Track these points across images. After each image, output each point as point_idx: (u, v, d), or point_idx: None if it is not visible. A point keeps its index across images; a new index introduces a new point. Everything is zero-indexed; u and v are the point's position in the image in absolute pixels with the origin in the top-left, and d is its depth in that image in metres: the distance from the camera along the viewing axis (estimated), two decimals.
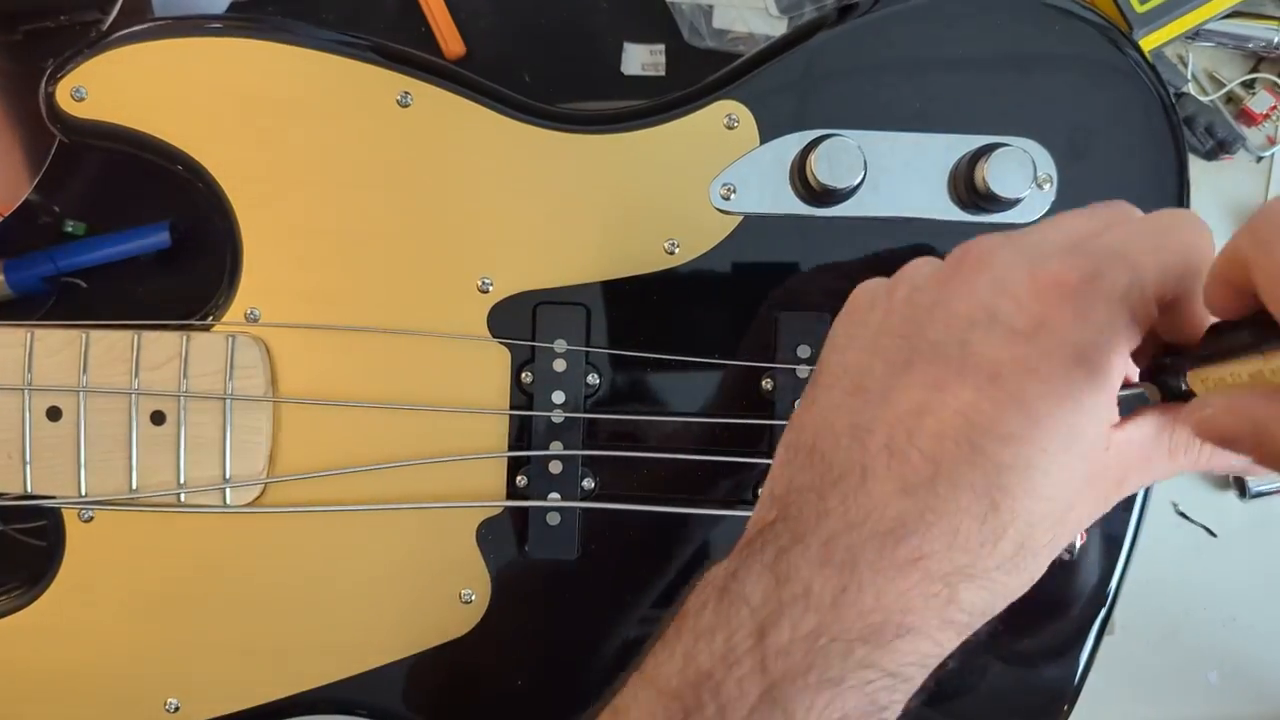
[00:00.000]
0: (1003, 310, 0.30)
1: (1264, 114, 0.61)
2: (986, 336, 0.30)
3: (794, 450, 0.33)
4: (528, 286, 0.49)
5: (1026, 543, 0.30)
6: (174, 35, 0.48)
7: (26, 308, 0.54)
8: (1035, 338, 0.29)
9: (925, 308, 0.31)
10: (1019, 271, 0.30)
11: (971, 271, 0.31)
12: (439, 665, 0.49)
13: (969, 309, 0.30)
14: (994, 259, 0.31)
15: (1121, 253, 0.30)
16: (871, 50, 0.49)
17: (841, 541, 0.30)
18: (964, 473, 0.29)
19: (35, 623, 0.48)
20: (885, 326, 0.32)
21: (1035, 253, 0.31)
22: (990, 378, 0.29)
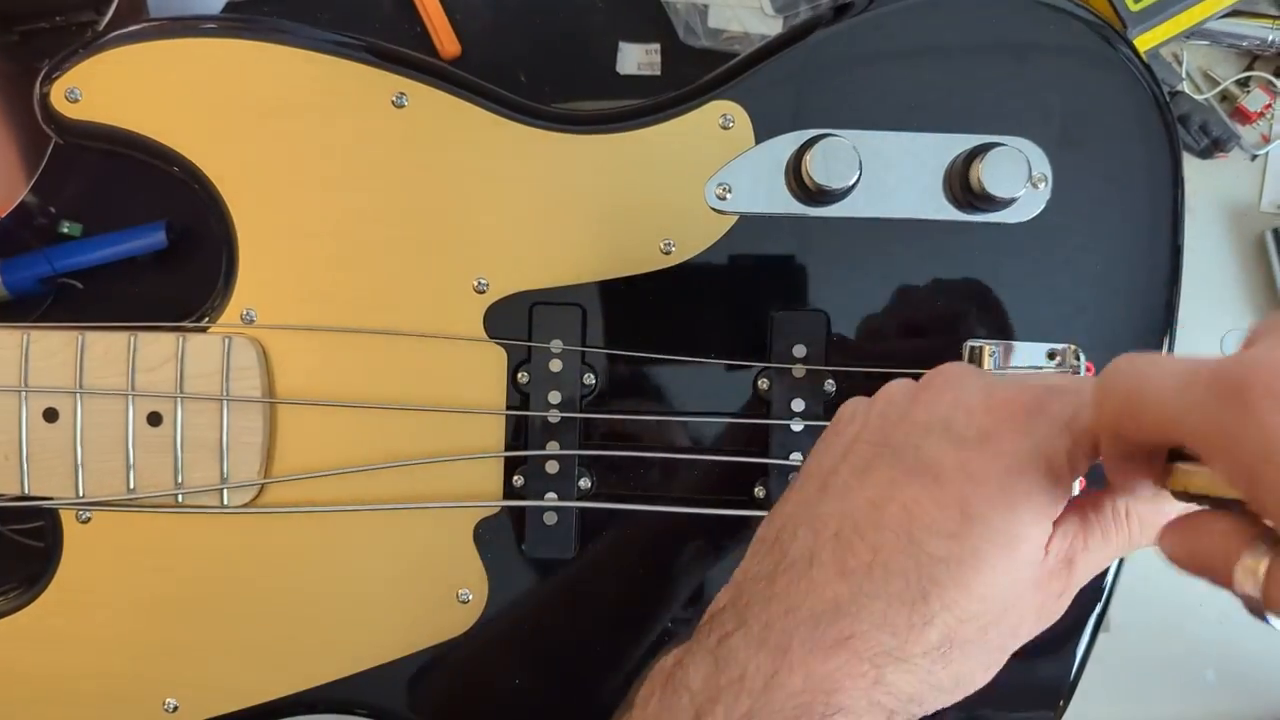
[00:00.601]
0: (956, 421, 0.33)
1: (1258, 112, 0.61)
2: (938, 442, 0.33)
3: (760, 542, 0.35)
4: (523, 287, 0.49)
5: (955, 635, 0.31)
6: (169, 36, 0.48)
7: (23, 309, 0.54)
8: (980, 447, 0.32)
9: (894, 420, 0.34)
10: (978, 392, 0.33)
11: (939, 389, 0.34)
12: (436, 664, 0.50)
13: (928, 418, 0.33)
14: (961, 382, 0.34)
15: (1070, 390, 0.33)
16: (867, 50, 0.49)
17: (779, 625, 0.32)
18: (899, 561, 0.31)
19: (33, 624, 0.48)
20: (859, 436, 0.35)
21: (999, 382, 0.34)
22: (935, 478, 0.32)
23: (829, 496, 0.34)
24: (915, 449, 0.33)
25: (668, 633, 0.50)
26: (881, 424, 0.35)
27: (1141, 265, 0.50)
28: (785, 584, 0.33)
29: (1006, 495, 0.31)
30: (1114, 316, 0.50)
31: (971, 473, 0.31)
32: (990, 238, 0.49)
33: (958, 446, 0.32)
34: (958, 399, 0.33)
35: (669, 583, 0.50)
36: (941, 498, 0.32)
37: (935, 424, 0.33)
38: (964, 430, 0.32)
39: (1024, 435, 0.32)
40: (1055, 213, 0.49)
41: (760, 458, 0.49)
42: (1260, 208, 0.62)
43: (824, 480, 0.35)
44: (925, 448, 0.33)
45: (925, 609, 0.31)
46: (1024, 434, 0.32)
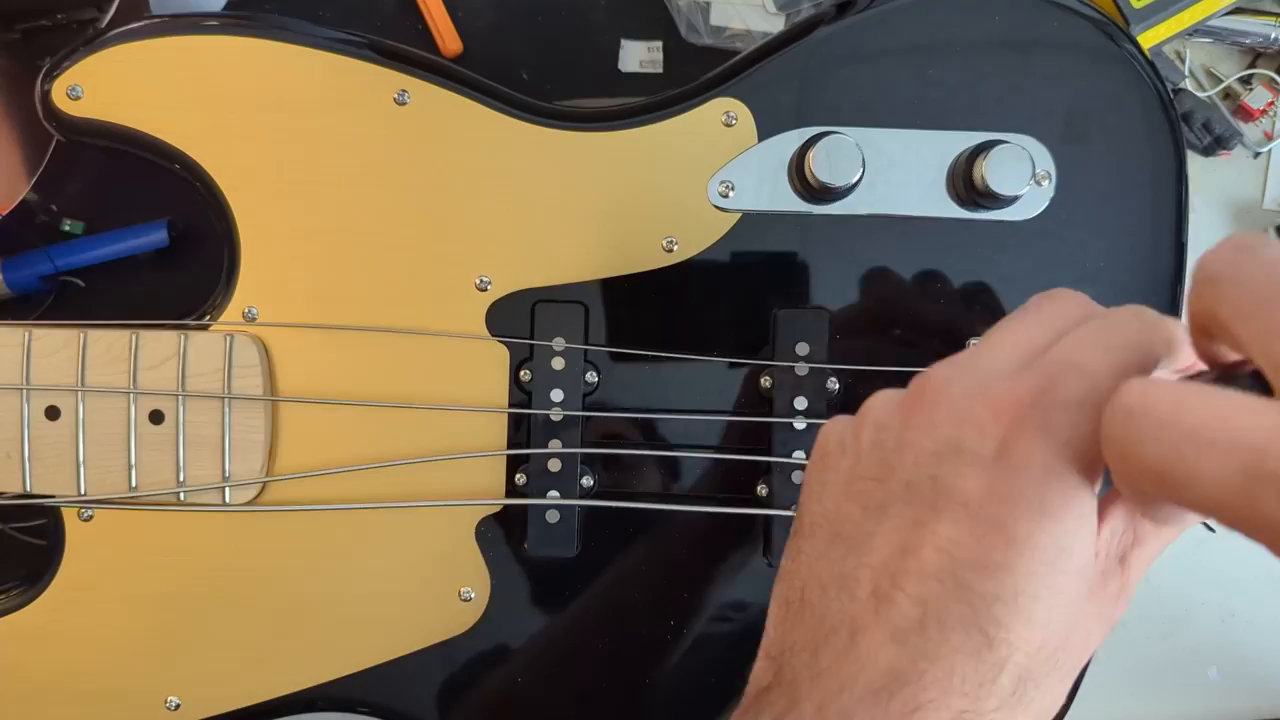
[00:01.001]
0: (967, 440, 0.29)
1: (1261, 109, 0.61)
2: (955, 468, 0.29)
3: (785, 605, 0.32)
4: (526, 285, 0.49)
5: (1027, 675, 0.29)
6: (170, 33, 0.48)
7: (24, 307, 0.54)
8: (1002, 462, 0.29)
9: (892, 448, 0.31)
10: (975, 398, 0.30)
11: (931, 405, 0.31)
12: (439, 663, 0.49)
13: (934, 444, 0.30)
14: (950, 390, 0.30)
15: (1072, 361, 0.29)
16: (869, 46, 0.49)
17: (834, 707, 0.29)
18: (951, 610, 0.28)
19: (35, 622, 0.48)
20: (856, 471, 0.32)
21: (988, 375, 0.30)
22: (964, 508, 0.29)
23: (850, 549, 0.31)
24: (931, 481, 0.30)
25: (670, 631, 0.50)
26: (879, 455, 0.31)
27: (1146, 262, 0.50)
28: (832, 658, 0.30)
29: (1045, 506, 0.28)
30: None
31: (1001, 494, 0.28)
32: (994, 235, 0.49)
33: (977, 468, 0.29)
34: (957, 412, 0.30)
35: (671, 581, 0.50)
36: (978, 529, 0.28)
37: (944, 449, 0.30)
38: (979, 448, 0.29)
39: (1042, 434, 0.28)
40: (1059, 210, 0.49)
41: (763, 456, 0.49)
42: (1263, 205, 0.62)
43: (834, 529, 0.32)
44: (942, 477, 0.29)
45: (992, 656, 0.28)
46: (1042, 432, 0.28)
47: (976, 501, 0.28)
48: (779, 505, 0.49)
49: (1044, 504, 0.28)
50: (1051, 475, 0.28)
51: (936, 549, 0.29)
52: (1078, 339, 0.30)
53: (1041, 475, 0.28)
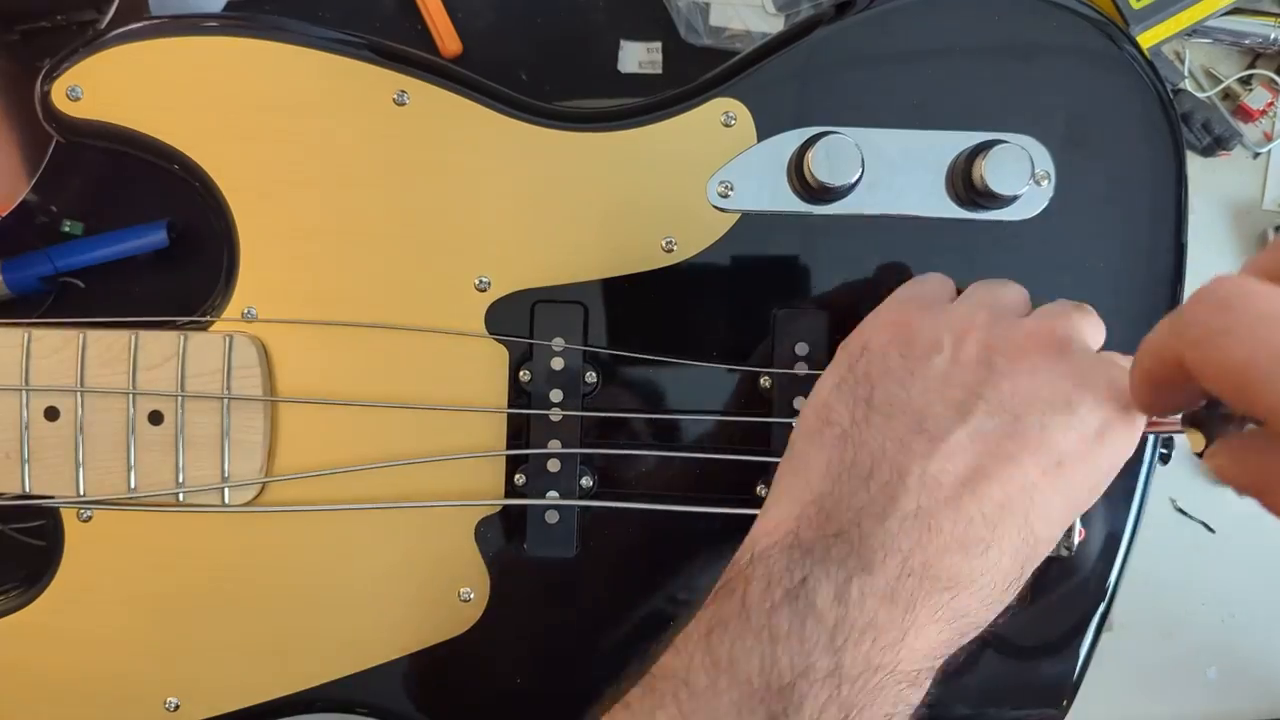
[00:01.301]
0: (1081, 406, 0.34)
1: (1261, 110, 0.61)
2: (1065, 426, 0.33)
3: (849, 467, 0.34)
4: (525, 285, 0.49)
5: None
6: (169, 34, 0.48)
7: (24, 307, 0.54)
8: (1099, 442, 0.34)
9: (1002, 374, 0.34)
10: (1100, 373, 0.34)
11: (1057, 357, 0.35)
12: (438, 663, 0.49)
13: (1051, 394, 0.34)
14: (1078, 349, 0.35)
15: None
16: (869, 47, 0.49)
17: (906, 585, 0.32)
18: (1014, 544, 0.33)
19: (34, 622, 0.48)
20: (954, 377, 0.35)
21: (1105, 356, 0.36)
22: (1058, 464, 0.33)
23: (935, 450, 0.33)
24: (1040, 427, 0.33)
25: (671, 631, 0.50)
26: (985, 374, 0.34)
27: (1145, 263, 0.50)
28: (902, 537, 0.33)
29: (1109, 476, 0.34)
30: (1117, 314, 0.49)
31: (1091, 466, 0.33)
32: (993, 235, 0.49)
33: (1079, 432, 0.33)
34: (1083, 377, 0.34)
35: (671, 581, 0.50)
36: (1061, 486, 0.33)
37: (1059, 402, 0.33)
38: (1088, 420, 0.33)
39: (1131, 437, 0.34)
40: (1058, 210, 0.49)
41: (763, 456, 0.49)
42: (1263, 206, 0.62)
43: (918, 422, 0.34)
44: (1051, 428, 0.33)
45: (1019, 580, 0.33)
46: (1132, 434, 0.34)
47: (1070, 464, 0.33)
48: None
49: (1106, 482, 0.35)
50: (1124, 456, 0.34)
51: (1022, 489, 0.33)
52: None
53: (1116, 466, 0.34)
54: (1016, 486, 0.32)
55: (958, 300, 0.40)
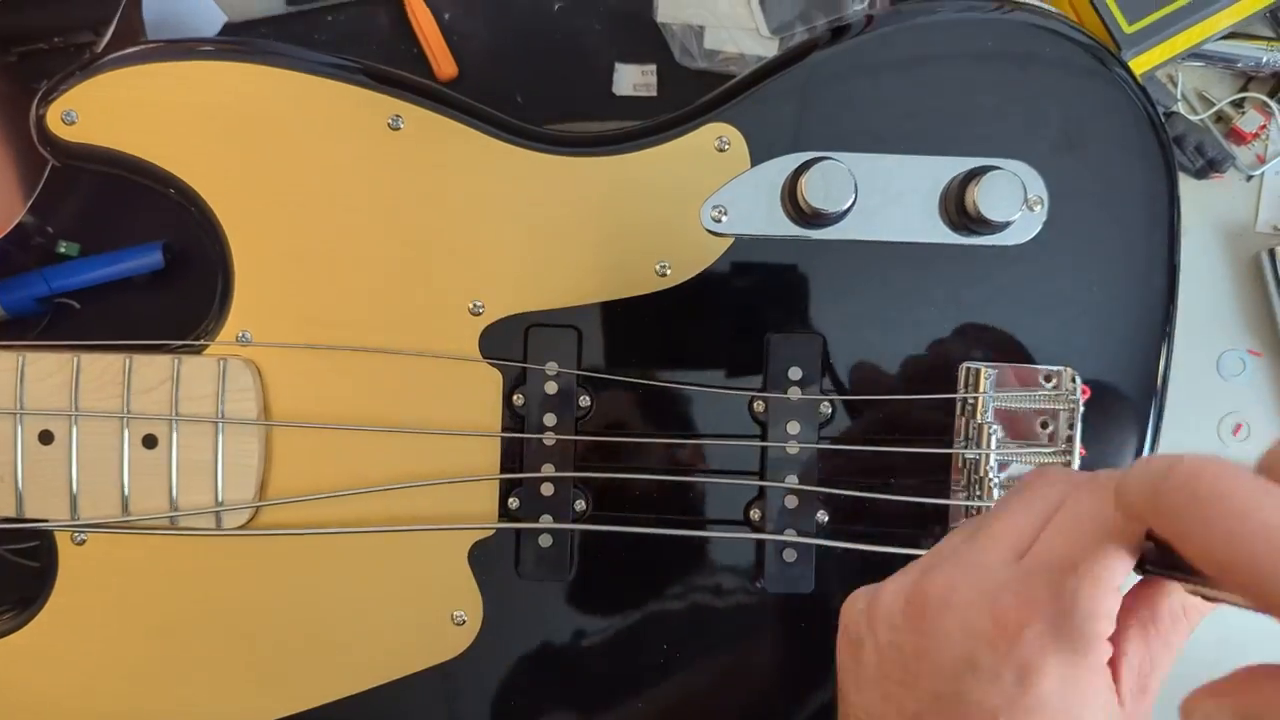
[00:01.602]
0: (982, 657, 0.30)
1: (1253, 133, 0.61)
2: (976, 685, 0.30)
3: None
4: (519, 309, 0.49)
5: None
6: (165, 59, 0.48)
7: (19, 329, 0.54)
8: (1021, 685, 0.30)
9: (910, 655, 0.32)
10: (982, 613, 0.31)
11: (937, 615, 0.32)
12: (432, 686, 0.49)
13: (950, 659, 0.31)
14: (953, 598, 0.32)
15: (1069, 563, 0.30)
16: (863, 72, 0.49)
17: None
18: None
19: (28, 646, 0.48)
20: (883, 670, 0.33)
21: (989, 581, 0.31)
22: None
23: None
24: (957, 696, 0.31)
25: (663, 655, 0.50)
26: (898, 658, 0.33)
27: (1138, 286, 0.50)
28: None
29: (1069, 710, 0.30)
30: (1111, 338, 0.50)
31: (1028, 707, 0.30)
32: (986, 260, 0.49)
33: (998, 688, 0.30)
34: (966, 625, 0.31)
35: (665, 605, 0.50)
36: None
37: (961, 666, 0.31)
38: (997, 668, 0.30)
39: (1058, 652, 0.30)
40: (1051, 235, 0.49)
41: (756, 480, 0.49)
42: (1256, 228, 0.62)
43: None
44: (966, 693, 0.31)
45: None
46: (1057, 650, 0.30)
47: (1004, 714, 0.30)
48: (772, 530, 0.49)
49: (1067, 709, 0.30)
50: (1068, 682, 0.30)
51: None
52: (1069, 529, 0.31)
53: (1059, 686, 0.30)
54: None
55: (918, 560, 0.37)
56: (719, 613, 0.50)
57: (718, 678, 0.50)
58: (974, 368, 0.49)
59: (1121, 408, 0.50)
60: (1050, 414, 0.49)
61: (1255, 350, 0.62)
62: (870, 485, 0.49)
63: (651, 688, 0.50)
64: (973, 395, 0.49)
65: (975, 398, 0.48)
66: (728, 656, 0.50)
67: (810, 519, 0.49)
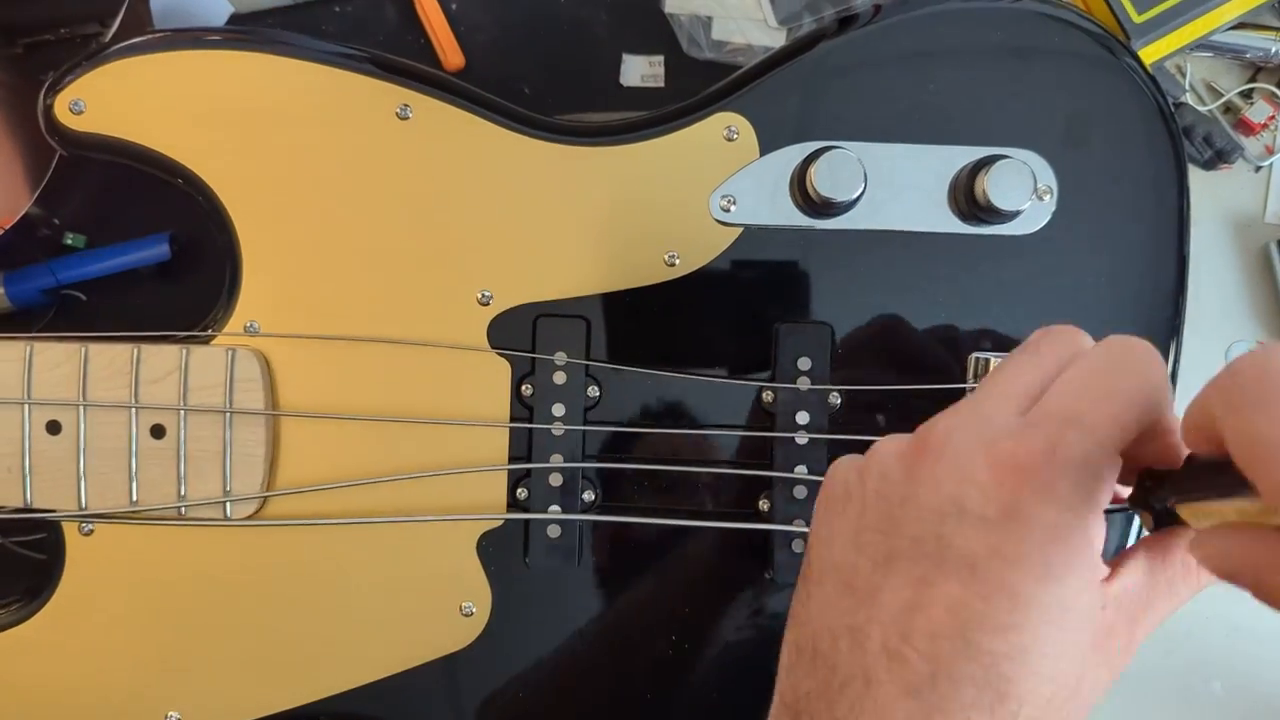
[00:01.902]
0: (970, 500, 0.30)
1: (1262, 124, 0.61)
2: (959, 528, 0.30)
3: (796, 651, 0.33)
4: (528, 299, 0.49)
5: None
6: (172, 48, 0.48)
7: (26, 320, 0.54)
8: (1007, 525, 0.29)
9: (897, 501, 0.31)
10: (977, 457, 0.30)
11: (933, 460, 0.31)
12: (440, 678, 0.49)
13: (938, 501, 0.30)
14: (950, 444, 0.31)
15: (1073, 416, 0.29)
16: (871, 62, 0.49)
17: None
18: (962, 668, 0.29)
19: (35, 637, 0.48)
20: (863, 522, 0.32)
21: (989, 430, 0.30)
22: (971, 570, 0.29)
23: (859, 601, 0.31)
24: (937, 539, 0.30)
25: (672, 646, 0.50)
26: (884, 506, 0.32)
27: (1147, 276, 0.50)
28: (847, 708, 0.30)
29: (1050, 569, 0.29)
30: (1119, 328, 0.49)
31: (1007, 556, 0.29)
32: (995, 250, 0.49)
33: (983, 530, 0.29)
34: (960, 469, 0.30)
35: (673, 596, 0.50)
36: (984, 590, 0.29)
37: (948, 507, 0.30)
38: (983, 509, 0.29)
39: (1047, 497, 0.29)
40: (1060, 224, 0.49)
41: (766, 470, 0.49)
42: (1264, 219, 0.62)
43: (843, 580, 0.32)
44: (948, 536, 0.30)
45: (1004, 710, 0.29)
46: (1046, 495, 0.29)
47: (983, 562, 0.29)
48: (781, 520, 0.49)
49: (1048, 565, 0.29)
50: (1055, 536, 0.29)
51: (945, 608, 0.29)
52: (1078, 381, 0.31)
53: (1045, 536, 0.29)
54: (940, 609, 0.29)
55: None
56: (728, 603, 0.50)
57: (727, 668, 0.50)
58: (983, 358, 0.49)
59: None
60: None
61: (1264, 341, 0.61)
62: None
63: (660, 678, 0.50)
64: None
65: None
66: (737, 646, 0.50)
67: None
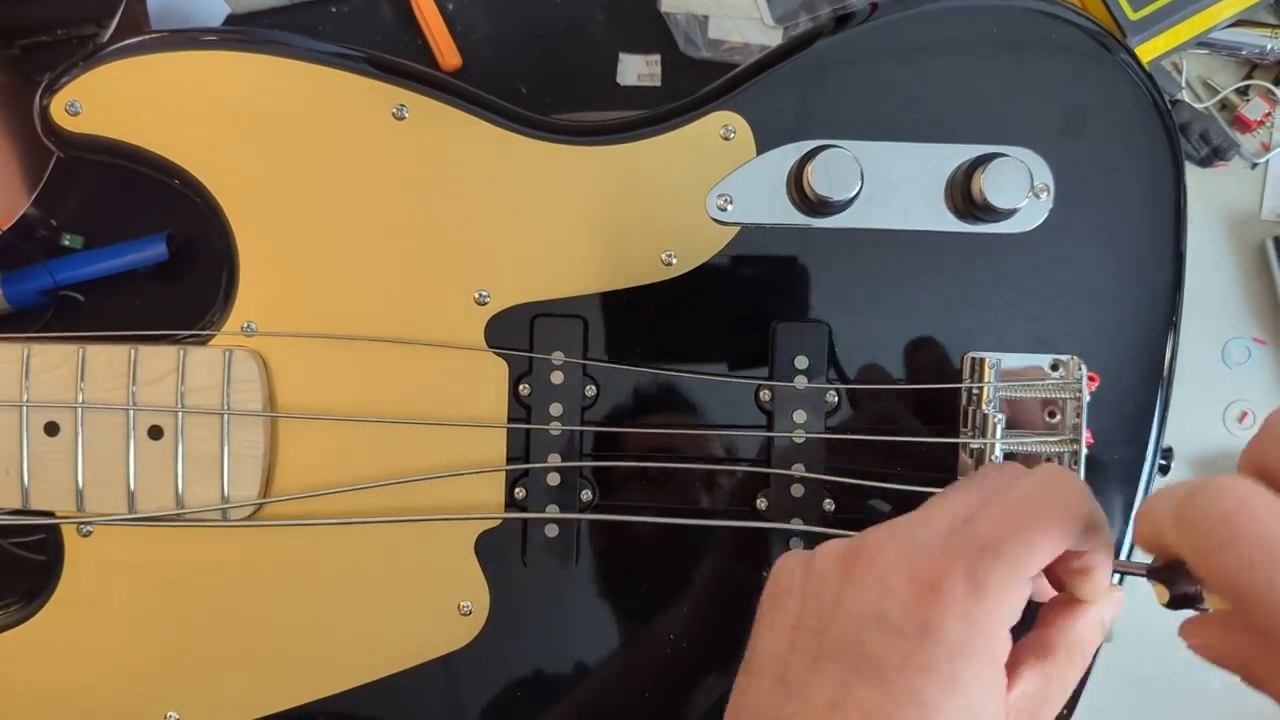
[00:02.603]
0: (890, 612, 0.32)
1: (1258, 120, 0.61)
2: (878, 637, 0.32)
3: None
4: (525, 299, 0.49)
5: None
6: (168, 49, 0.48)
7: (24, 321, 0.54)
8: (921, 639, 0.32)
9: (829, 604, 0.34)
10: (900, 574, 0.33)
11: (862, 570, 0.34)
12: (438, 677, 0.49)
13: (861, 610, 0.33)
14: (879, 558, 0.34)
15: (991, 542, 0.32)
16: (868, 60, 0.49)
17: None
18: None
19: (34, 638, 0.48)
20: (800, 619, 0.35)
21: (914, 546, 0.33)
22: (881, 676, 0.32)
23: (789, 695, 0.33)
24: (858, 645, 0.32)
25: (670, 645, 0.50)
26: (819, 607, 0.34)
27: (1144, 273, 0.50)
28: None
29: (956, 680, 0.31)
30: (1117, 326, 0.50)
31: (919, 665, 0.31)
32: (992, 248, 0.49)
33: (899, 642, 0.32)
34: (884, 581, 0.33)
35: (671, 594, 0.50)
36: (897, 695, 0.31)
37: (870, 616, 0.33)
38: (901, 623, 0.32)
39: (960, 616, 0.32)
40: (1057, 222, 0.49)
41: (763, 468, 0.49)
42: (1261, 216, 0.62)
43: (779, 674, 0.34)
44: (868, 644, 0.32)
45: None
46: (959, 614, 0.32)
47: (896, 670, 0.32)
48: (778, 519, 0.49)
49: (955, 677, 0.31)
50: (963, 653, 0.32)
51: (859, 710, 0.32)
52: (1000, 513, 0.34)
53: (955, 653, 0.31)
54: (855, 708, 0.32)
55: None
56: (725, 602, 0.50)
57: (724, 666, 0.50)
58: (979, 356, 0.49)
59: (1128, 396, 0.50)
60: (1057, 403, 0.49)
61: (1260, 338, 0.62)
62: (876, 474, 0.49)
63: (658, 678, 0.50)
64: (978, 384, 0.49)
65: (980, 387, 0.48)
66: (734, 646, 0.50)
67: (816, 508, 0.49)
